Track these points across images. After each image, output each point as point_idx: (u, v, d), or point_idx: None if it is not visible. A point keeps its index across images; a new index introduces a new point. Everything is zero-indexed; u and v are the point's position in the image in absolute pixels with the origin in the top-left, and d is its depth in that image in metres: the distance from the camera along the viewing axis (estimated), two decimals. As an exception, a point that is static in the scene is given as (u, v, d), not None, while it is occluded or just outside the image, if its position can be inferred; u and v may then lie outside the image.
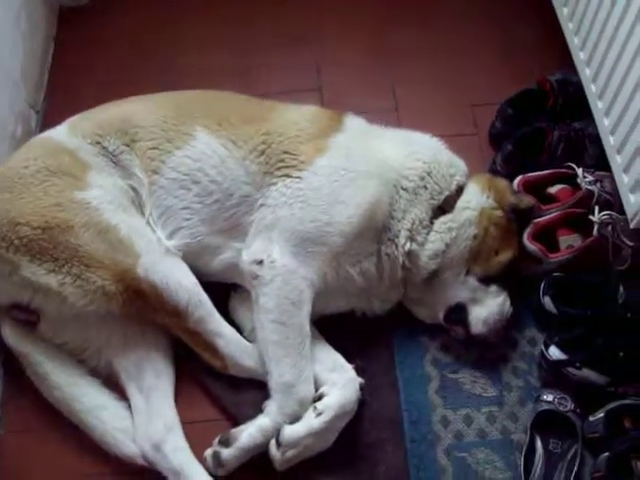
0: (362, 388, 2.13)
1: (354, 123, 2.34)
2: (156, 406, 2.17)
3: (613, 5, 2.24)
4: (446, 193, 2.29)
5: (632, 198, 2.16)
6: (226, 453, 2.05)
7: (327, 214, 2.12)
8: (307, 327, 2.11)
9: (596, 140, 2.45)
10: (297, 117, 2.29)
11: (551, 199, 2.43)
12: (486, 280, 2.26)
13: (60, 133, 2.31)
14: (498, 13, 3.15)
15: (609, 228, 2.30)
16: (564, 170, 2.47)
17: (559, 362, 2.16)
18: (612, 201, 2.37)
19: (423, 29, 3.13)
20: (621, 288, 2.25)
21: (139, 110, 2.32)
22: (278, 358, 2.08)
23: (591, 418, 2.13)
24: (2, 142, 2.56)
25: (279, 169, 2.19)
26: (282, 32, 3.14)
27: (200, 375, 2.26)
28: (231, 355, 2.18)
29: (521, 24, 3.10)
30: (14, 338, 2.20)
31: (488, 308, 2.25)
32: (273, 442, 2.02)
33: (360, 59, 3.04)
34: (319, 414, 2.03)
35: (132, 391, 2.21)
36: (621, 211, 2.27)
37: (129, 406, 2.20)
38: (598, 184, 2.40)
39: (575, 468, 2.09)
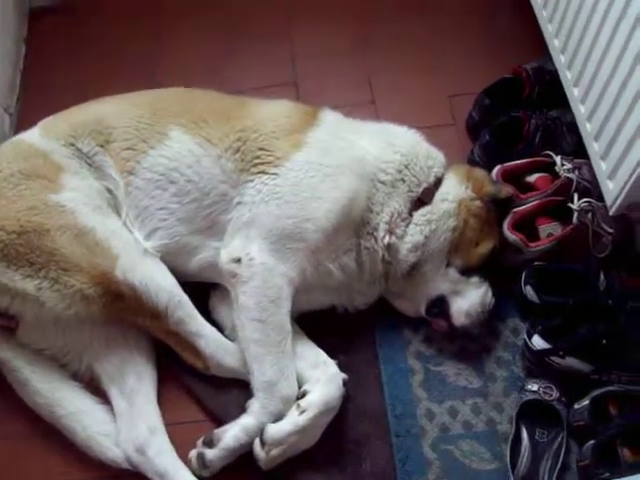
0: (346, 383, 2.12)
1: (330, 117, 2.33)
2: (139, 409, 2.15)
3: (586, -9, 2.24)
4: (424, 185, 2.28)
5: (610, 185, 2.16)
6: (210, 454, 2.04)
7: (304, 210, 2.11)
8: (288, 324, 2.10)
9: (573, 128, 2.45)
10: (272, 113, 2.28)
11: (530, 188, 2.42)
12: (467, 271, 2.26)
13: (33, 135, 2.29)
14: (474, 2, 3.14)
15: (589, 215, 2.30)
16: (542, 158, 2.47)
17: (542, 351, 2.16)
18: (591, 188, 2.37)
19: (399, 20, 3.12)
20: (602, 275, 2.25)
21: (113, 110, 2.30)
22: (260, 357, 2.06)
23: (576, 406, 2.12)
24: (-25, 146, 2.52)
25: (255, 166, 2.17)
26: (256, 27, 3.13)
27: (182, 376, 2.25)
28: (212, 355, 2.17)
29: (496, 13, 3.10)
30: (-7, 344, 2.18)
31: (470, 300, 2.24)
32: (257, 441, 2.01)
33: (335, 52, 3.03)
34: (303, 411, 2.01)
35: (114, 394, 2.19)
36: (600, 198, 2.27)
37: (111, 410, 2.18)
38: (576, 172, 2.39)
39: (561, 457, 2.09)
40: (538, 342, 2.16)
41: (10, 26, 3.01)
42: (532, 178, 2.44)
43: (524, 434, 2.14)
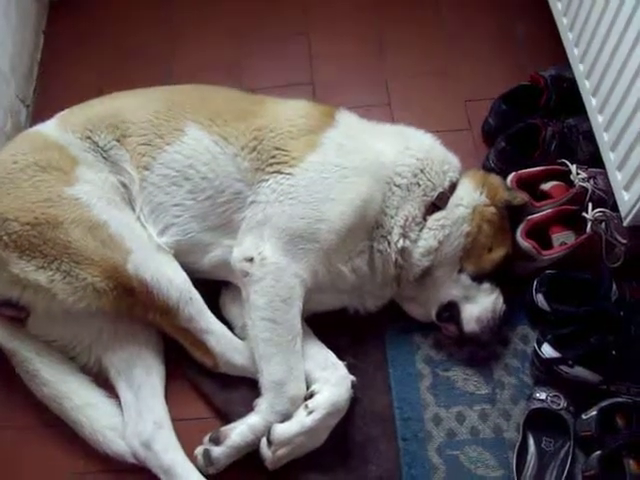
0: (354, 386, 2.12)
1: (346, 118, 2.32)
2: (146, 403, 2.16)
3: (608, 1, 2.23)
4: (439, 190, 2.27)
5: (626, 195, 2.15)
6: (217, 451, 2.04)
7: (318, 211, 2.11)
8: (298, 325, 2.10)
9: (590, 137, 2.44)
10: (289, 113, 2.27)
11: (544, 196, 2.42)
12: (479, 278, 2.25)
13: (50, 128, 2.29)
14: (492, 8, 3.13)
15: (602, 225, 2.30)
16: (557, 167, 2.47)
17: (552, 360, 2.15)
18: (606, 198, 2.37)
19: (416, 24, 3.11)
20: (614, 286, 2.25)
21: (130, 105, 2.30)
22: (269, 356, 2.07)
23: (584, 416, 2.12)
24: (-9, 136, 2.54)
25: (270, 165, 2.17)
26: (274, 26, 3.13)
27: (191, 373, 2.25)
28: (222, 353, 2.17)
29: (515, 19, 3.08)
30: (3, 335, 2.19)
31: (481, 306, 2.23)
32: (264, 440, 2.01)
33: (353, 54, 3.03)
34: (310, 412, 2.02)
35: (122, 388, 2.20)
36: (614, 208, 2.26)
37: (119, 403, 2.19)
38: (591, 181, 2.39)
39: (567, 466, 2.08)
40: (547, 350, 2.16)
41: (29, 17, 3.03)
42: (547, 186, 2.44)
43: (531, 442, 2.14)
